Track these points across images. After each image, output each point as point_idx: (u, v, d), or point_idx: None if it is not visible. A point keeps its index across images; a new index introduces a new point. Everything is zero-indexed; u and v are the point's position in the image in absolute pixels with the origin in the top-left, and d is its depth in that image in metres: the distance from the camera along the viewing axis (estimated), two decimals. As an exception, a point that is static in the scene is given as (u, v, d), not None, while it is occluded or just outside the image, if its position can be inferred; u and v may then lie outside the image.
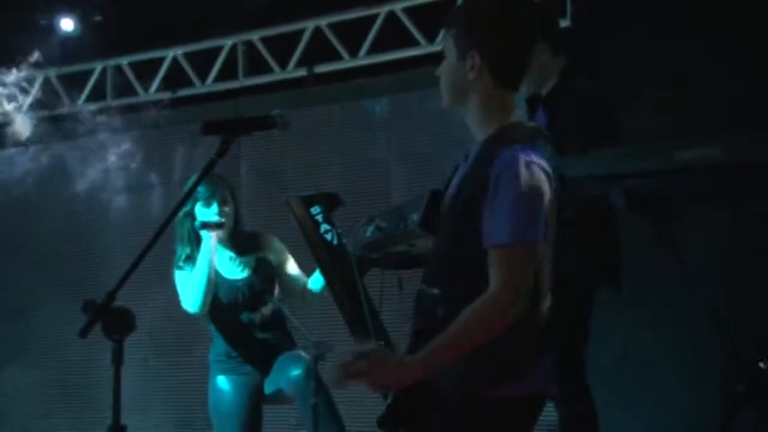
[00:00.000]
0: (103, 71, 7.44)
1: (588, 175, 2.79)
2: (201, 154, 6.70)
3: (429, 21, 6.22)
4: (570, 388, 3.82)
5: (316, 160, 6.63)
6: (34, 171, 7.39)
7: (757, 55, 5.00)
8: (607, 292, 3.92)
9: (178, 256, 4.48)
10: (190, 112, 7.00)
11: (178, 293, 4.48)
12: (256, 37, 6.96)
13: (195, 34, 7.06)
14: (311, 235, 3.98)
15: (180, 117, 7.03)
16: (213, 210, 4.41)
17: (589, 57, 5.20)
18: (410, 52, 6.31)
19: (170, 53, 7.22)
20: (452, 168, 2.86)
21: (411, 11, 6.35)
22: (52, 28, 7.15)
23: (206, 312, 4.43)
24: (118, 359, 2.56)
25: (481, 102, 2.72)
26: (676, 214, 2.73)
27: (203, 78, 7.16)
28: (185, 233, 4.46)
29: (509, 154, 2.60)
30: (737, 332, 2.76)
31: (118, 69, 7.42)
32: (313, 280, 4.54)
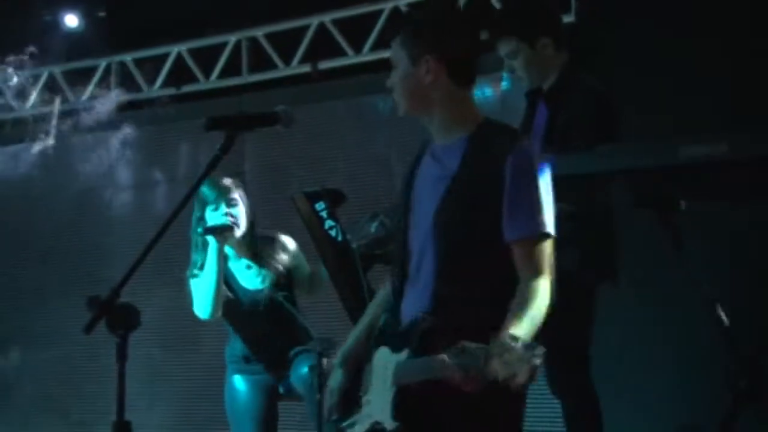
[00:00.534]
0: (108, 67, 7.44)
1: (592, 172, 2.79)
2: (205, 150, 6.72)
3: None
4: (575, 383, 3.83)
5: (320, 156, 6.63)
6: (39, 167, 7.42)
7: (760, 54, 5.00)
8: (607, 291, 3.92)
9: (192, 263, 4.38)
10: (194, 108, 7.00)
11: (192, 301, 4.40)
12: (260, 33, 6.96)
13: (199, 31, 7.06)
14: (316, 231, 3.98)
15: (184, 113, 7.03)
16: (221, 212, 4.34)
17: (592, 52, 5.20)
18: (414, 48, 6.31)
19: (174, 49, 7.22)
20: (409, 167, 2.93)
21: (415, 7, 6.34)
22: (56, 25, 7.17)
23: (222, 315, 4.37)
24: (122, 355, 2.56)
25: (447, 103, 2.77)
26: (680, 211, 2.73)
27: (207, 74, 7.16)
28: (198, 240, 4.36)
29: (523, 149, 2.64)
30: (739, 330, 2.75)
31: (122, 65, 7.43)
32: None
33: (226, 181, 4.41)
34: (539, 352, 2.23)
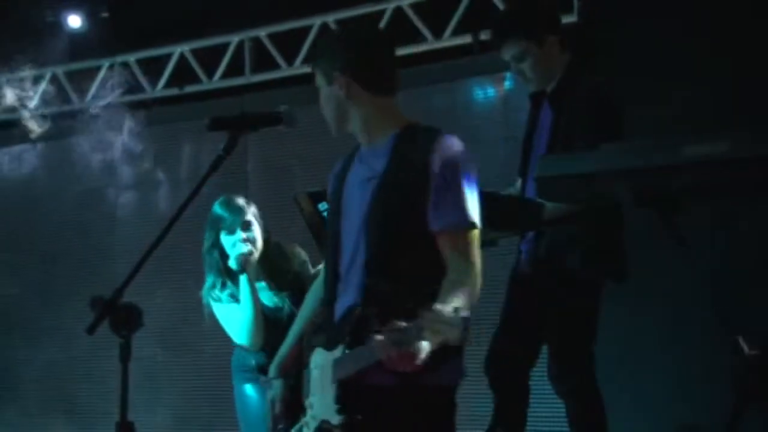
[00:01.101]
0: (111, 68, 7.44)
1: (595, 171, 2.80)
2: (208, 151, 6.72)
3: (436, 17, 6.21)
4: (579, 382, 3.83)
5: (323, 156, 6.61)
6: (42, 167, 7.42)
7: (761, 53, 5.00)
8: (609, 290, 3.92)
9: (210, 285, 4.38)
10: (197, 109, 7.01)
11: (222, 325, 4.41)
12: (263, 33, 6.97)
13: (202, 31, 7.07)
14: (318, 231, 3.98)
15: (186, 113, 7.04)
16: (237, 237, 4.30)
17: (594, 53, 5.20)
18: (417, 48, 6.32)
19: (177, 49, 7.23)
20: (336, 171, 3.01)
21: (418, 7, 6.35)
22: (59, 25, 7.17)
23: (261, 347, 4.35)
24: (125, 356, 2.56)
25: (369, 111, 2.86)
26: (684, 210, 2.73)
27: (210, 74, 7.17)
28: (214, 264, 4.36)
29: (448, 143, 2.72)
30: (743, 328, 2.76)
31: (125, 65, 7.43)
32: None
33: (239, 201, 4.39)
34: (467, 314, 2.26)
